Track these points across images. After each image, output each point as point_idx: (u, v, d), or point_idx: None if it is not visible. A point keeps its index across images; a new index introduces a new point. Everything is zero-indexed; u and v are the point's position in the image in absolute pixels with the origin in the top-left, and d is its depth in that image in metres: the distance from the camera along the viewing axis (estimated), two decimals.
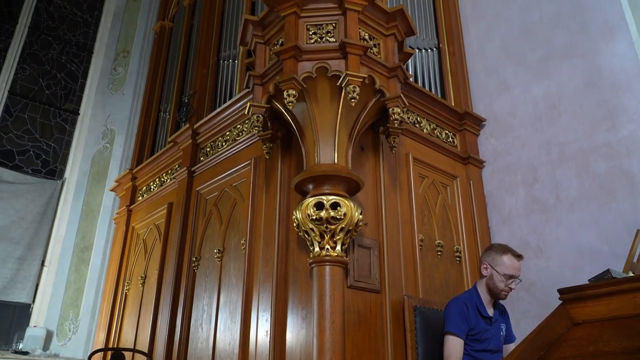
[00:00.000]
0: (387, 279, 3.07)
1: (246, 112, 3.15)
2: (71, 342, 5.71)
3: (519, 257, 2.77)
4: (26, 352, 5.37)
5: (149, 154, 5.69)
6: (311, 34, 2.99)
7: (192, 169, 4.34)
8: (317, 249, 2.75)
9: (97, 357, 4.03)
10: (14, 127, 6.69)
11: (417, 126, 3.88)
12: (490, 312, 2.81)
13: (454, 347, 2.64)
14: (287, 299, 2.98)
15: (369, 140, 3.44)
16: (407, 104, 3.30)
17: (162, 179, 5.02)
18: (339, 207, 2.74)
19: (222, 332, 3.40)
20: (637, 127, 3.41)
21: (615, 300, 1.71)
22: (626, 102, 3.50)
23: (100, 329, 5.17)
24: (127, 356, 4.05)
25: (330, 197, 2.76)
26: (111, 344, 4.81)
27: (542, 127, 3.96)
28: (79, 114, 7.24)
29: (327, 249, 2.73)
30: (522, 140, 4.08)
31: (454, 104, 4.29)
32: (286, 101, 2.77)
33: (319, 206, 2.75)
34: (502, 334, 2.86)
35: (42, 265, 6.10)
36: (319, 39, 2.97)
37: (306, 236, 2.82)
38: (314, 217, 2.73)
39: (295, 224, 2.87)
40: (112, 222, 6.05)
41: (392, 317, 2.99)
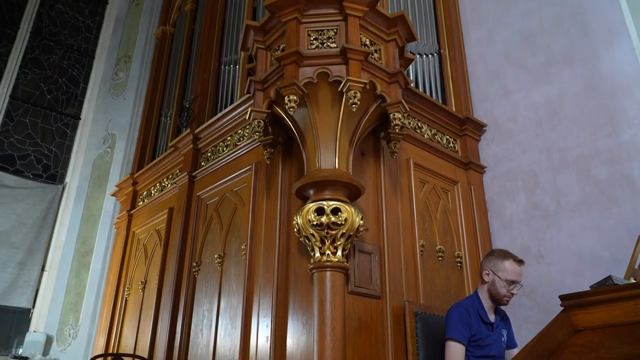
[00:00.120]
0: (388, 284, 3.07)
1: (247, 118, 3.16)
2: (71, 347, 5.70)
3: (520, 262, 2.77)
4: (26, 358, 5.36)
5: (150, 158, 5.69)
6: (312, 39, 3.00)
7: (193, 174, 4.34)
8: (317, 254, 2.75)
9: None
10: (15, 132, 6.70)
11: (418, 131, 3.88)
12: (491, 318, 2.80)
13: (455, 353, 2.64)
14: (288, 304, 2.97)
15: (369, 145, 3.44)
16: (408, 109, 3.30)
17: (163, 184, 5.02)
18: (339, 213, 2.74)
19: (222, 337, 3.38)
20: (638, 132, 3.41)
21: (616, 307, 1.71)
22: (627, 107, 3.50)
23: (100, 334, 5.15)
24: None
25: (331, 203, 2.76)
26: (111, 350, 4.80)
27: (543, 133, 3.96)
28: (80, 119, 7.25)
29: (328, 254, 2.72)
30: (522, 145, 4.08)
31: (454, 110, 4.29)
32: (287, 106, 2.77)
33: (320, 211, 2.75)
34: (503, 339, 2.85)
35: (43, 270, 6.09)
36: (320, 45, 2.98)
37: (307, 242, 2.81)
38: (315, 223, 2.73)
39: (296, 230, 2.86)
40: (112, 227, 6.04)
41: (393, 323, 2.98)
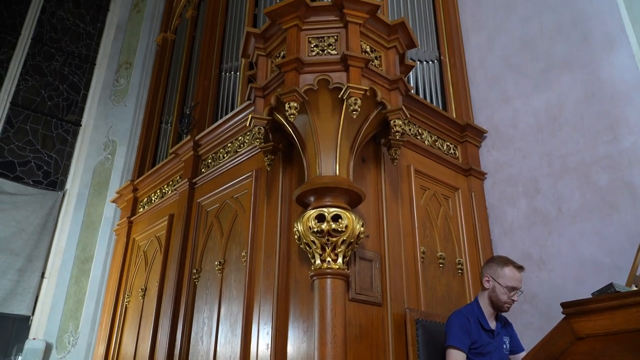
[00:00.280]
0: (388, 291, 3.06)
1: (248, 124, 3.16)
2: (70, 354, 5.67)
3: (520, 268, 2.77)
4: None
5: (151, 165, 5.70)
6: (313, 46, 3.01)
7: (194, 180, 4.34)
8: (318, 261, 2.74)
9: None
10: (16, 139, 6.70)
11: (418, 138, 3.88)
12: (492, 325, 2.79)
13: None
14: (288, 311, 2.96)
15: (370, 152, 3.44)
16: (409, 116, 3.31)
17: (164, 191, 5.02)
18: (340, 220, 2.74)
19: (222, 345, 3.37)
20: (638, 139, 3.41)
21: (618, 314, 1.70)
22: (627, 113, 3.51)
23: (100, 342, 5.14)
24: None
25: (331, 209, 2.75)
26: (111, 357, 4.78)
27: (543, 139, 3.96)
28: (81, 125, 7.25)
29: (329, 261, 2.72)
30: (523, 151, 4.08)
31: (455, 116, 4.29)
32: (288, 113, 2.78)
33: (321, 218, 2.75)
34: (505, 347, 2.84)
35: (42, 277, 6.07)
36: (320, 52, 2.99)
37: (307, 248, 2.81)
38: (316, 230, 2.73)
39: (296, 236, 2.86)
40: (112, 234, 6.03)
41: (394, 331, 2.97)
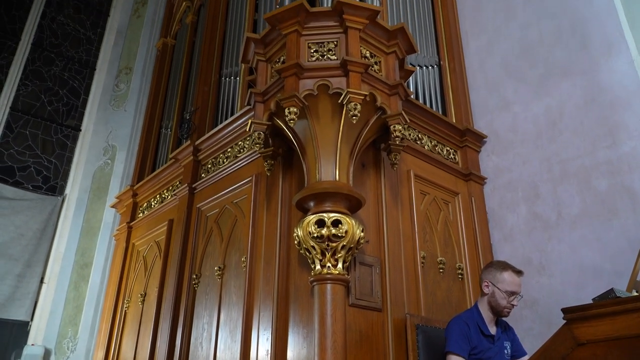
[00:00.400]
0: (389, 297, 3.05)
1: (247, 129, 3.16)
2: None
3: (519, 273, 2.75)
4: None
5: (150, 170, 5.69)
6: (312, 51, 3.01)
7: (193, 185, 4.33)
8: (318, 267, 2.74)
9: None
10: (15, 144, 6.70)
11: (418, 143, 3.88)
12: (492, 330, 2.78)
13: None
14: (288, 317, 2.95)
15: (370, 157, 3.44)
16: (408, 120, 3.31)
17: (163, 196, 5.01)
18: (340, 225, 2.73)
19: (222, 351, 3.36)
20: (638, 144, 3.41)
21: (619, 319, 1.70)
22: (626, 119, 3.51)
23: (99, 348, 5.11)
24: None
25: (331, 215, 2.75)
26: None
27: (543, 144, 3.96)
28: (81, 130, 7.26)
29: (329, 267, 2.71)
30: (523, 157, 4.08)
31: (455, 121, 4.30)
32: (287, 118, 2.78)
33: (320, 224, 2.74)
34: (506, 352, 2.82)
35: (41, 282, 6.06)
36: (320, 57, 2.99)
37: (307, 254, 2.80)
38: (315, 235, 2.72)
39: (296, 242, 2.85)
40: (112, 239, 6.02)
41: (394, 336, 2.96)
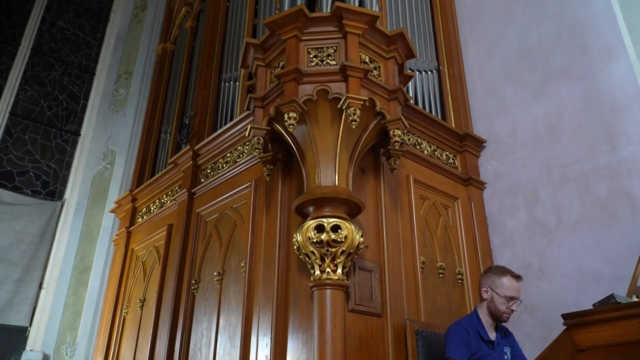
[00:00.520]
0: (388, 302, 3.04)
1: (247, 134, 3.16)
2: None
3: (518, 278, 2.74)
4: None
5: (150, 175, 5.69)
6: (312, 57, 3.02)
7: (193, 190, 4.33)
8: (317, 272, 2.73)
9: None
10: (15, 148, 6.70)
11: (417, 148, 3.88)
12: (492, 336, 2.77)
13: None
14: (288, 323, 2.94)
15: (369, 162, 3.43)
16: (408, 125, 3.30)
17: (162, 201, 5.01)
18: (339, 230, 2.73)
19: (221, 356, 3.34)
20: (637, 149, 3.41)
21: (619, 325, 1.70)
22: (626, 123, 3.51)
23: (97, 353, 5.09)
24: None
25: (331, 220, 2.75)
26: None
27: (543, 149, 3.96)
28: (80, 135, 7.26)
29: (328, 272, 2.71)
30: (522, 161, 4.08)
31: (454, 126, 4.30)
32: (287, 123, 2.78)
33: (320, 229, 2.74)
34: (506, 357, 2.81)
35: (40, 287, 6.05)
36: (319, 62, 2.99)
37: (307, 259, 2.79)
38: (315, 240, 2.72)
39: (295, 247, 2.85)
40: (111, 244, 6.01)
41: (394, 342, 2.95)
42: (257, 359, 2.98)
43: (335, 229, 2.73)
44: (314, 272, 2.74)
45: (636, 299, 2.22)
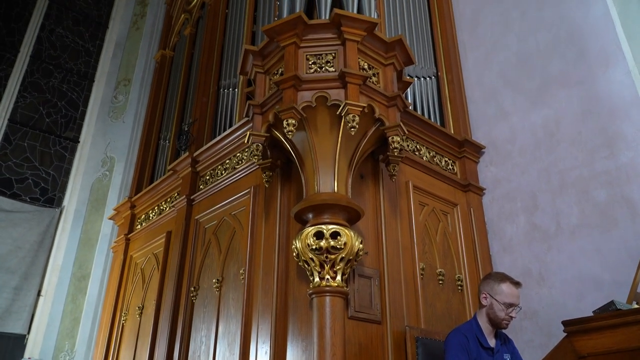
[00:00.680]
0: (388, 309, 3.03)
1: (246, 141, 3.16)
2: None
3: (517, 284, 2.73)
4: None
5: (149, 182, 5.68)
6: (311, 63, 3.02)
7: (192, 197, 4.32)
8: (317, 279, 2.72)
9: None
10: (13, 155, 6.70)
11: (416, 154, 3.88)
12: (491, 342, 2.76)
13: None
14: (287, 330, 2.93)
15: (368, 168, 3.43)
16: (407, 132, 3.31)
17: (161, 207, 5.00)
18: (339, 237, 2.72)
19: None
20: (636, 154, 3.42)
21: (620, 332, 1.69)
22: (624, 129, 3.52)
23: None
24: None
25: (330, 226, 2.74)
26: None
27: (541, 155, 3.96)
28: (79, 142, 7.25)
29: (327, 279, 2.70)
30: (521, 167, 4.08)
31: (453, 132, 4.30)
32: (286, 130, 2.78)
33: (319, 235, 2.73)
34: None
35: (39, 295, 6.02)
36: (318, 69, 3.00)
37: (306, 266, 2.79)
38: (314, 247, 2.71)
39: (295, 254, 2.84)
40: (110, 251, 6.00)
41: (393, 349, 2.93)
42: None
43: (334, 235, 2.72)
44: (313, 279, 2.73)
45: (636, 306, 2.22)
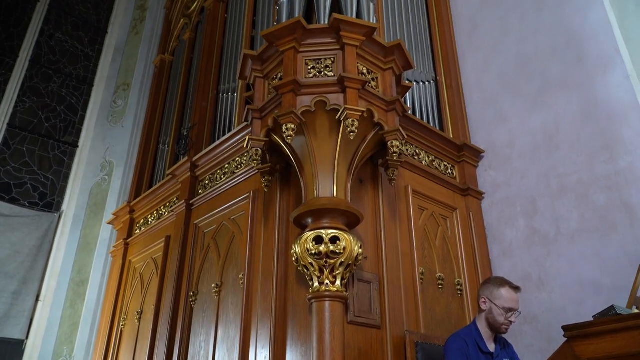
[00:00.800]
0: (387, 314, 3.03)
1: (245, 146, 3.16)
2: None
3: (516, 289, 2.73)
4: None
5: (148, 186, 5.68)
6: (310, 68, 3.02)
7: (191, 201, 4.32)
8: (316, 284, 2.72)
9: None
10: (12, 160, 6.69)
11: (416, 158, 3.88)
12: (491, 347, 2.75)
13: None
14: (286, 335, 2.92)
15: (368, 173, 3.43)
16: (406, 136, 3.31)
17: (160, 212, 4.99)
18: (338, 241, 2.72)
19: None
20: (635, 159, 3.42)
21: (620, 337, 1.69)
22: (623, 133, 3.52)
23: None
24: None
25: (329, 231, 2.74)
26: None
27: (541, 159, 3.96)
28: (78, 147, 7.25)
29: (327, 284, 2.69)
30: (521, 171, 4.08)
31: (452, 136, 4.30)
32: (285, 135, 2.78)
33: (318, 240, 2.73)
34: None
35: (37, 300, 6.00)
36: (317, 74, 3.00)
37: (305, 271, 2.78)
38: (313, 252, 2.71)
39: (294, 259, 2.84)
40: (109, 256, 5.99)
41: (393, 354, 2.93)
42: None
43: (333, 240, 2.72)
44: (313, 284, 2.73)
45: (636, 311, 2.21)
